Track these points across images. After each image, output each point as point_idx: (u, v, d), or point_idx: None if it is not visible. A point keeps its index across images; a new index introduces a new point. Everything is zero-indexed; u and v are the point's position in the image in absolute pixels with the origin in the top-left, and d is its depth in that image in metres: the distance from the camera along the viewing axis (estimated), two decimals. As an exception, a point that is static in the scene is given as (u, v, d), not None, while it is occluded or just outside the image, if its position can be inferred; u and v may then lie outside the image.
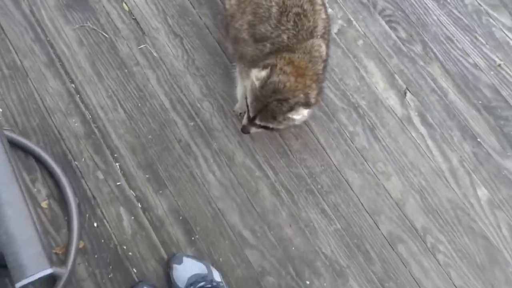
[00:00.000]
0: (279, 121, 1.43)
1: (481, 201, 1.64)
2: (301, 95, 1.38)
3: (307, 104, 1.40)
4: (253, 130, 1.51)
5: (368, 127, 1.71)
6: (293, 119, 1.42)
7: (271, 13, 1.42)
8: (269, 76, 1.37)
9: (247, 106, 1.45)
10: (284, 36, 1.41)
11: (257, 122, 1.45)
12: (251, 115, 1.44)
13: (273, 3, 1.43)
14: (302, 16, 1.41)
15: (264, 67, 1.39)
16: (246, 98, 1.47)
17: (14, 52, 1.68)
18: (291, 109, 1.38)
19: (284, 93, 1.37)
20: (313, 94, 1.42)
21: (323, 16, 1.47)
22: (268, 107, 1.39)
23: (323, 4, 1.50)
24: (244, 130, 1.52)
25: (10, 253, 0.67)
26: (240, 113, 1.66)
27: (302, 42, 1.40)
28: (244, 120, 1.51)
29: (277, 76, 1.36)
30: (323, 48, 1.44)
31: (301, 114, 1.40)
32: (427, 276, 1.54)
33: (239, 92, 1.63)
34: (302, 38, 1.41)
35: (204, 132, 1.65)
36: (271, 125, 1.46)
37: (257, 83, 1.38)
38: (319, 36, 1.43)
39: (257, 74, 1.38)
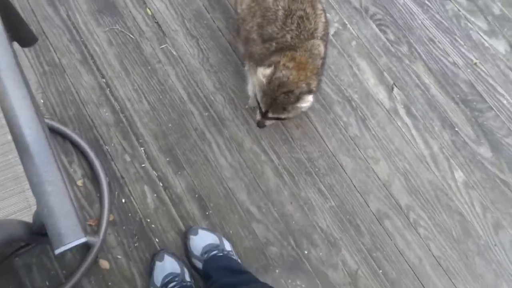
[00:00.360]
0: (289, 111, 1.39)
1: (457, 183, 1.63)
2: (303, 85, 1.35)
3: (310, 91, 1.36)
4: (267, 123, 1.48)
5: (360, 118, 1.69)
6: (301, 107, 1.39)
7: (277, 16, 1.39)
8: (273, 73, 1.34)
9: (258, 103, 1.42)
10: (288, 36, 1.38)
11: (270, 115, 1.42)
12: (263, 110, 1.41)
13: (280, 7, 1.39)
14: (304, 18, 1.37)
15: (269, 65, 1.36)
16: (255, 95, 1.44)
17: (53, 51, 1.67)
18: (298, 99, 1.35)
19: (289, 86, 1.34)
20: (314, 83, 1.38)
21: (323, 20, 1.44)
22: (278, 100, 1.36)
23: (323, 10, 1.47)
24: (260, 125, 1.49)
25: (50, 224, 0.66)
26: (253, 107, 1.62)
27: (303, 42, 1.37)
28: (258, 116, 1.47)
29: (280, 72, 1.33)
30: (322, 48, 1.41)
31: (308, 101, 1.36)
32: (409, 248, 1.53)
33: (250, 89, 1.60)
34: (304, 38, 1.38)
35: (217, 121, 1.64)
36: (282, 116, 1.42)
37: (264, 80, 1.35)
38: (319, 38, 1.40)
39: (263, 72, 1.35)
